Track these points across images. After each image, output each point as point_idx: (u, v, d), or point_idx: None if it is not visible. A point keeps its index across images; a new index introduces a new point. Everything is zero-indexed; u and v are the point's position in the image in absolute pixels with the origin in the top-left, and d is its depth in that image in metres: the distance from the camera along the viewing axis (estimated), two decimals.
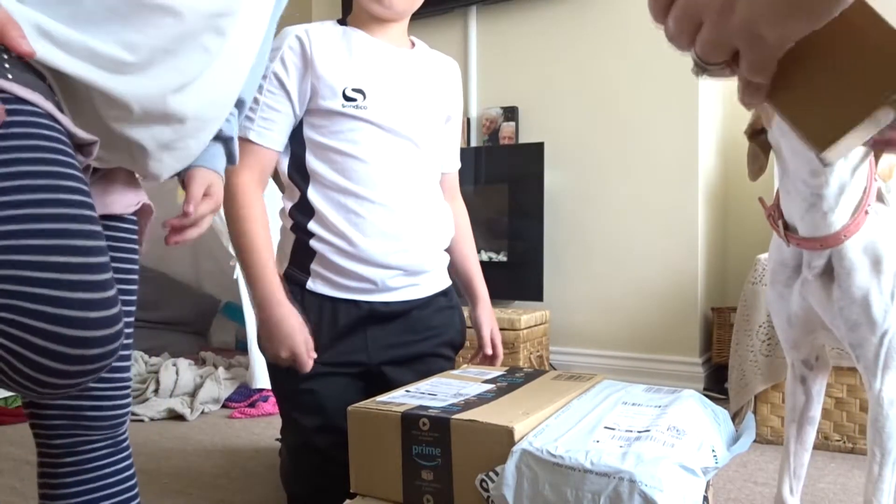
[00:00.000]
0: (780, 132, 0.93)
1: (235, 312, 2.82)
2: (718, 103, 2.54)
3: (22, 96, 0.56)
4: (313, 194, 1.25)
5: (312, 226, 1.25)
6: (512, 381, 1.09)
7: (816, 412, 1.11)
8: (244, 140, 1.24)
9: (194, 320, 3.11)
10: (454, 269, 1.47)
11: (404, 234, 1.27)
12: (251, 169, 1.24)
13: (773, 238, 1.06)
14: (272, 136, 1.25)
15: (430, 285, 1.35)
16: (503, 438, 0.82)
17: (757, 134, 1.00)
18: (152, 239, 0.95)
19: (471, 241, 1.50)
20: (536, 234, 2.53)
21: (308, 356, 1.19)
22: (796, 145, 0.90)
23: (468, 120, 2.77)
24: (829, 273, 0.96)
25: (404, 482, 0.91)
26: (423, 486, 0.90)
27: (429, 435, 0.89)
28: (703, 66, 0.43)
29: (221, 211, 2.83)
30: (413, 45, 1.37)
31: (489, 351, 1.45)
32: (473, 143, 2.77)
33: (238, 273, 2.37)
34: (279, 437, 1.39)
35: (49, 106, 0.58)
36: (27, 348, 0.51)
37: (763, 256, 1.80)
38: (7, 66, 0.57)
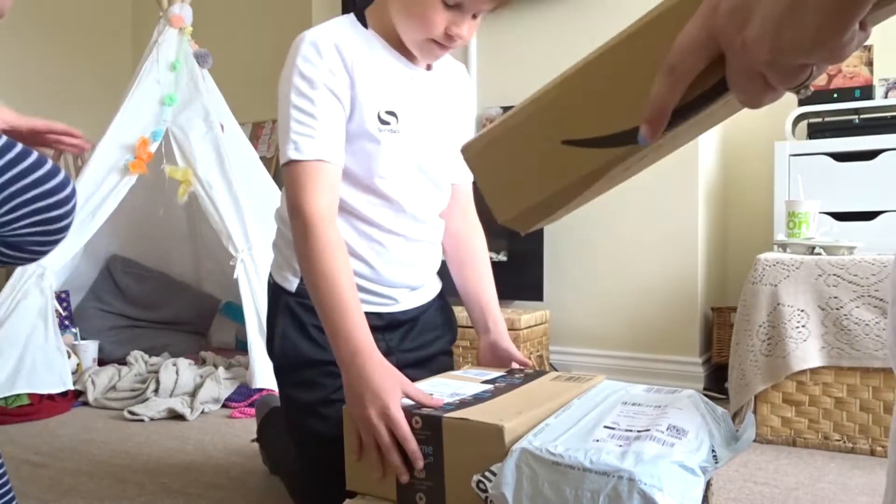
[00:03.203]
0: None
1: (235, 312, 2.81)
2: None
3: None
4: (339, 220, 1.17)
5: None
6: (510, 382, 1.09)
7: None
8: (306, 162, 1.08)
9: (194, 320, 3.11)
10: (465, 296, 1.35)
11: (418, 262, 1.28)
12: (322, 190, 1.08)
13: None
14: (336, 147, 1.12)
15: (431, 290, 1.37)
16: (494, 437, 0.82)
17: None
18: (153, 238, 0.95)
19: (487, 266, 1.36)
20: (536, 233, 2.53)
21: (401, 416, 0.91)
22: None
23: None
24: None
25: (398, 480, 0.91)
26: (415, 484, 0.90)
27: (421, 433, 0.90)
28: None
29: (221, 209, 2.79)
30: (429, 67, 1.25)
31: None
32: None
33: (238, 273, 2.35)
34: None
35: None
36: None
37: (763, 256, 1.79)
38: None
